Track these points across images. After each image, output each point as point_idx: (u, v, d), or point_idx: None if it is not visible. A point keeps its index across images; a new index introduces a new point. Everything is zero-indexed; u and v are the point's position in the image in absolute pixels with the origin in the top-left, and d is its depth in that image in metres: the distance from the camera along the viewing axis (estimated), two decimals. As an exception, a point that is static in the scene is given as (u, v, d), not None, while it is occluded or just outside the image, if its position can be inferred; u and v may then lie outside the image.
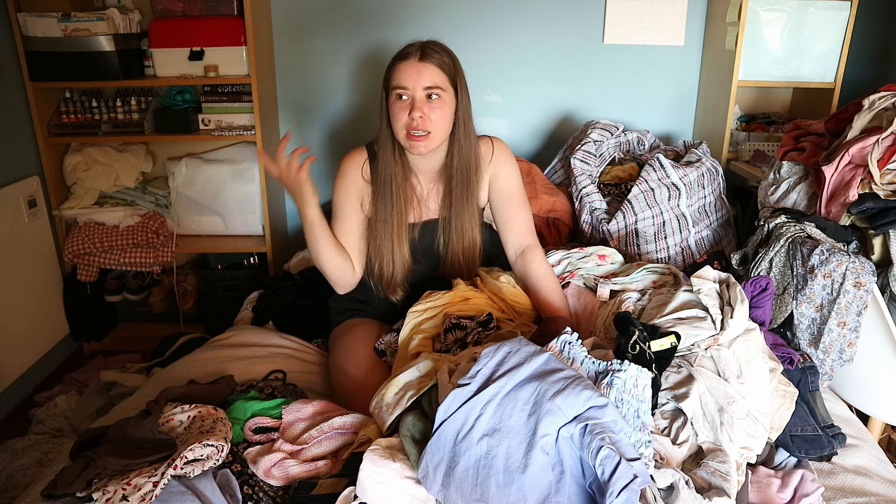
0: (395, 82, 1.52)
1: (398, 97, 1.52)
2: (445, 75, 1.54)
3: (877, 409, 1.64)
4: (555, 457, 0.96)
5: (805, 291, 1.58)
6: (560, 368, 1.04)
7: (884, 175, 1.64)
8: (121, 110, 2.56)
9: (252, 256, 2.74)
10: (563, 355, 1.16)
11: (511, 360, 1.06)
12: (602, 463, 0.90)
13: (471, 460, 0.98)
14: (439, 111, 1.53)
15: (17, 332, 2.37)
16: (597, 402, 0.98)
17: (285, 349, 1.75)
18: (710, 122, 2.65)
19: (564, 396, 0.98)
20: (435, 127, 1.53)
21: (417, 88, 1.51)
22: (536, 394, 1.00)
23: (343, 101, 2.79)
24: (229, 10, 2.49)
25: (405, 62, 1.52)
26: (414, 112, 1.50)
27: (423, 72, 1.51)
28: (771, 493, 1.20)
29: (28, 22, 2.33)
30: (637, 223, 2.11)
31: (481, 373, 1.06)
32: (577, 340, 1.17)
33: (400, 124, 1.53)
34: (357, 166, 1.67)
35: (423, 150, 1.55)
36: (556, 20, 2.67)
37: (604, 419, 0.96)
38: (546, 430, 0.96)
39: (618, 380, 1.08)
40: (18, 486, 1.90)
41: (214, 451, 1.08)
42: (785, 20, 2.39)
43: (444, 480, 0.99)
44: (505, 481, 0.95)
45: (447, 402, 1.03)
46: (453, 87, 1.56)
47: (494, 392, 1.02)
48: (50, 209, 2.56)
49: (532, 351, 1.07)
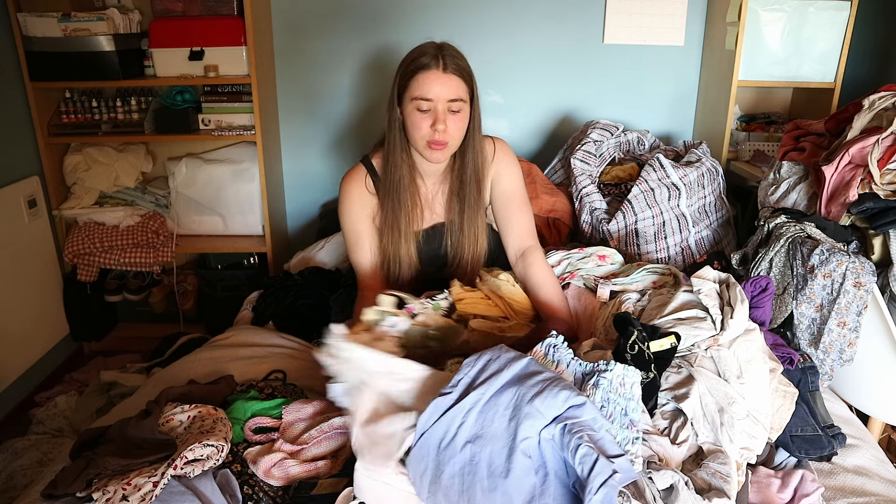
0: (417, 93, 1.50)
1: (419, 108, 1.51)
2: (466, 86, 1.53)
3: (877, 409, 1.64)
4: (538, 459, 0.97)
5: (805, 291, 1.58)
6: (539, 371, 1.04)
7: (884, 175, 1.64)
8: (121, 110, 2.56)
9: (252, 256, 2.74)
10: (547, 359, 1.16)
11: (491, 367, 1.07)
12: (581, 461, 0.91)
13: (455, 468, 0.99)
14: (460, 123, 1.53)
15: (17, 332, 2.37)
16: (575, 402, 0.98)
17: (285, 349, 1.75)
18: (710, 122, 2.65)
19: (542, 398, 0.98)
20: (453, 137, 1.54)
21: (441, 100, 1.49)
22: (516, 398, 1.01)
23: (343, 101, 2.79)
24: (229, 10, 2.49)
25: (428, 73, 1.49)
26: (438, 125, 1.49)
27: (448, 83, 1.49)
28: (771, 494, 1.20)
29: (28, 22, 2.33)
30: (637, 223, 2.11)
31: (462, 381, 1.06)
32: (562, 343, 1.17)
33: (420, 134, 1.52)
34: (360, 184, 1.66)
35: (441, 157, 1.57)
36: (556, 20, 2.67)
37: (582, 417, 0.97)
38: (526, 434, 0.97)
39: (604, 380, 1.08)
40: (18, 486, 1.90)
41: (214, 451, 1.08)
42: (785, 20, 2.39)
43: (431, 488, 1.00)
44: (490, 487, 0.96)
45: (428, 411, 1.04)
46: (470, 96, 1.56)
47: (475, 399, 1.03)
48: (50, 209, 2.56)
49: (511, 357, 1.08)
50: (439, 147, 1.53)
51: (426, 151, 1.55)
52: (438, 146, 1.53)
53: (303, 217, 2.95)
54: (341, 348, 1.15)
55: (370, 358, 1.13)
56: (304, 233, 2.94)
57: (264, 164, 2.58)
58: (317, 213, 2.92)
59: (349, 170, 1.69)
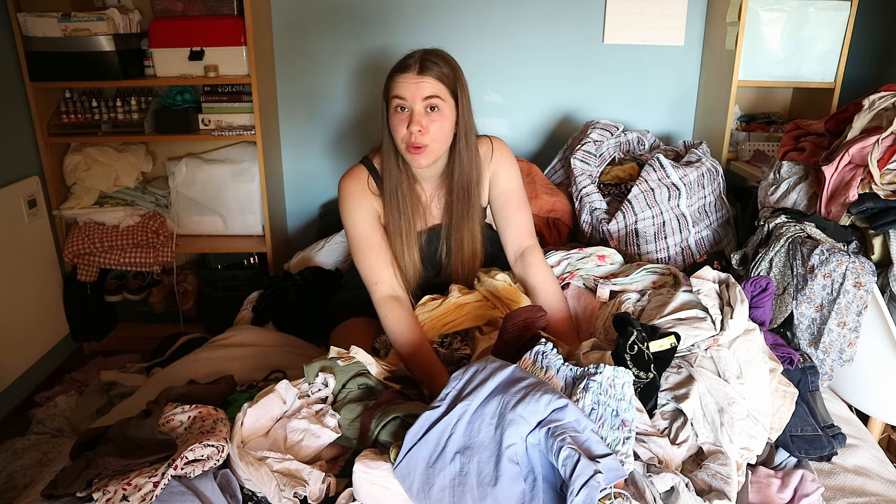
0: (393, 93, 1.51)
1: (397, 109, 1.51)
2: (445, 86, 1.52)
3: (877, 409, 1.64)
4: (526, 465, 0.97)
5: (805, 291, 1.58)
6: (523, 378, 1.05)
7: (884, 175, 1.64)
8: (121, 110, 2.56)
9: (252, 256, 2.74)
10: (536, 366, 1.16)
11: (477, 378, 1.07)
12: (563, 463, 0.91)
13: (446, 480, 0.99)
14: (438, 123, 1.51)
15: (17, 332, 2.37)
16: (557, 405, 0.98)
17: (286, 349, 1.75)
18: (710, 122, 2.65)
19: (525, 404, 0.99)
20: (433, 140, 1.52)
21: (416, 100, 1.49)
22: (500, 406, 1.01)
23: (343, 101, 2.79)
24: (229, 10, 2.49)
25: (404, 74, 1.50)
26: (412, 125, 1.49)
27: (422, 83, 1.49)
28: (771, 494, 1.20)
29: (28, 22, 2.33)
30: (637, 223, 2.11)
31: (450, 395, 1.07)
32: (551, 350, 1.18)
33: (399, 136, 1.52)
34: (362, 184, 1.63)
35: (423, 162, 1.54)
36: (556, 20, 2.67)
37: (565, 420, 0.97)
38: (511, 440, 0.97)
39: (593, 383, 1.08)
40: (18, 486, 1.90)
41: (215, 451, 1.08)
42: (785, 20, 2.39)
43: (423, 502, 1.01)
44: (480, 496, 0.96)
45: (417, 425, 1.04)
46: (453, 97, 1.54)
47: (462, 410, 1.03)
48: (50, 209, 2.56)
49: (496, 366, 1.08)
50: (418, 151, 1.51)
51: (407, 156, 1.54)
52: (417, 149, 1.51)
53: (303, 217, 2.95)
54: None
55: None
56: (304, 233, 2.94)
57: (264, 164, 2.58)
58: (317, 213, 2.92)
59: (348, 170, 1.66)
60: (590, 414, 1.06)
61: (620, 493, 0.99)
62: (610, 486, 0.97)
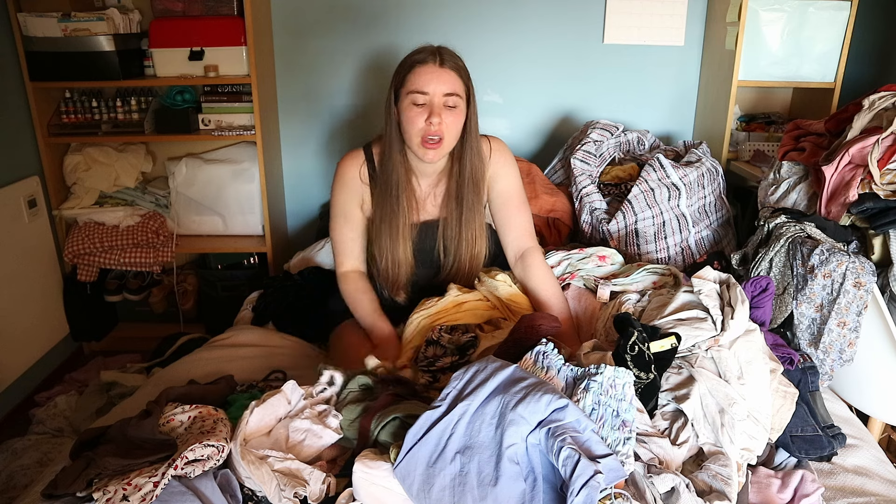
0: (413, 87, 1.51)
1: (414, 102, 1.51)
2: (463, 83, 1.54)
3: (877, 409, 1.64)
4: (526, 465, 0.97)
5: (805, 291, 1.58)
6: (523, 378, 1.05)
7: (884, 175, 1.64)
8: (121, 110, 2.56)
9: (252, 256, 2.74)
10: (536, 366, 1.17)
11: (478, 378, 1.07)
12: (563, 463, 0.91)
13: (446, 480, 0.99)
14: (455, 118, 1.53)
15: (17, 332, 2.37)
16: (558, 405, 0.99)
17: (285, 349, 1.75)
18: (710, 122, 2.65)
19: (525, 404, 0.99)
20: (449, 133, 1.53)
21: (437, 94, 1.50)
22: (501, 406, 1.02)
23: (343, 101, 2.79)
24: (229, 10, 2.49)
25: (424, 66, 1.50)
26: (433, 118, 1.49)
27: (444, 77, 1.50)
28: (771, 494, 1.20)
29: (28, 22, 2.33)
30: (637, 223, 2.11)
31: (450, 395, 1.07)
32: (552, 350, 1.18)
33: (415, 129, 1.52)
34: (355, 170, 1.67)
35: (435, 157, 1.55)
36: (556, 20, 2.67)
37: (565, 420, 0.97)
38: (511, 441, 0.97)
39: (594, 383, 1.08)
40: (18, 486, 1.90)
41: (215, 451, 1.08)
42: (785, 20, 2.39)
43: (423, 502, 1.00)
44: (480, 496, 0.96)
45: (417, 425, 1.04)
46: (467, 95, 1.56)
47: (463, 410, 1.03)
48: (50, 209, 2.56)
49: (497, 366, 1.09)
50: (433, 145, 1.52)
51: (420, 150, 1.55)
52: (432, 143, 1.52)
53: (303, 217, 2.95)
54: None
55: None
56: (304, 233, 2.94)
57: (264, 164, 2.58)
58: (317, 213, 2.92)
59: (349, 152, 1.70)
60: (590, 414, 1.06)
61: (621, 493, 0.98)
62: (610, 486, 0.97)
